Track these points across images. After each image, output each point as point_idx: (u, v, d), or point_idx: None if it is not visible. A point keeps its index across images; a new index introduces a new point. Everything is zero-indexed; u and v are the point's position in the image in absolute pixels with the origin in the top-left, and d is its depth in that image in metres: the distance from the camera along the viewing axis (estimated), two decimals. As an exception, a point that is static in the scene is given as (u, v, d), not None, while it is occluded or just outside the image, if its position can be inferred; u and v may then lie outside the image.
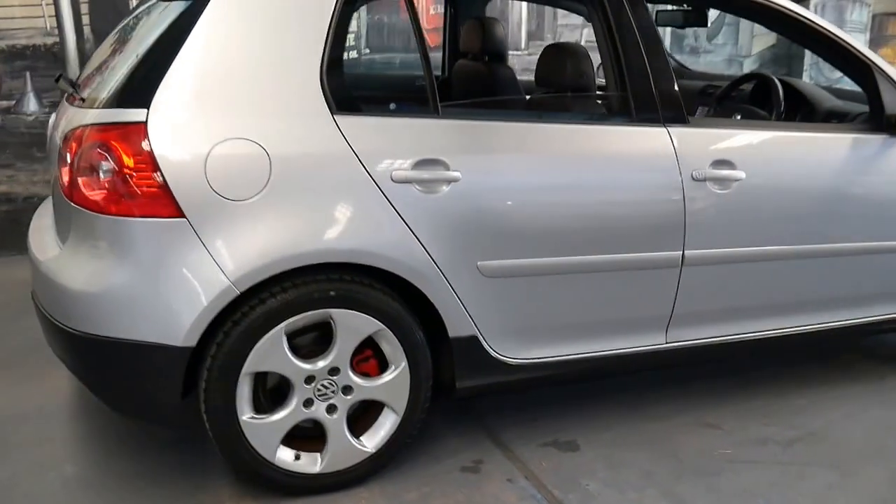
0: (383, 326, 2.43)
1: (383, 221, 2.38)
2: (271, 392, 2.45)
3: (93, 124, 2.26)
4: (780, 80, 3.40)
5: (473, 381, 2.62)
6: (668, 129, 2.70)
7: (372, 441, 2.53)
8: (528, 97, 2.88)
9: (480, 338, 2.57)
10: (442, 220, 2.44)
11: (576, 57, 2.88)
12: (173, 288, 2.23)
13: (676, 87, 2.74)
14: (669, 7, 3.71)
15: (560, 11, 6.25)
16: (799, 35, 3.18)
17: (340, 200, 2.35)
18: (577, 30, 6.53)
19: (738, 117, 3.37)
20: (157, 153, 2.19)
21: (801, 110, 3.40)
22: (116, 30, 2.94)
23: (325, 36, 2.35)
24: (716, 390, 3.23)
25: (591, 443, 2.84)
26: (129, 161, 2.20)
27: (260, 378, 2.39)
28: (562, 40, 6.42)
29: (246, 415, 2.36)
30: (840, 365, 3.50)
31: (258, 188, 2.25)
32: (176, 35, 2.29)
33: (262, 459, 2.41)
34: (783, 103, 3.29)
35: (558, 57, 2.94)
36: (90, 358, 2.36)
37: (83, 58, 4.78)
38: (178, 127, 2.23)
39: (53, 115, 2.93)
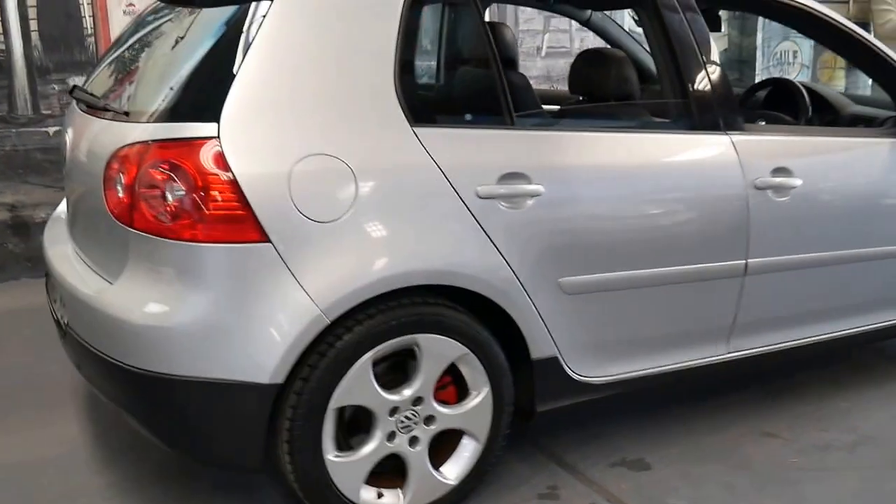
0: (468, 351, 2.25)
1: (471, 239, 2.21)
2: (347, 427, 2.23)
3: (154, 140, 2.01)
4: (802, 85, 3.38)
5: (552, 403, 2.47)
6: (730, 136, 2.62)
7: (453, 472, 2.34)
8: (594, 104, 2.74)
9: (560, 358, 2.41)
10: (526, 237, 2.28)
11: (620, 63, 2.77)
12: (258, 319, 2.00)
13: (733, 93, 2.66)
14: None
15: (522, 16, 6.13)
16: (831, 40, 3.15)
17: (428, 218, 2.16)
18: (538, 35, 6.42)
19: (762, 123, 3.32)
20: (235, 171, 1.96)
21: (824, 115, 3.38)
22: (129, 34, 2.67)
23: (395, 40, 2.16)
24: (760, 398, 3.14)
25: (660, 459, 2.71)
26: (204, 180, 1.95)
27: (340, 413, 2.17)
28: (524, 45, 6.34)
29: (331, 454, 2.14)
30: (862, 367, 3.47)
31: (345, 207, 2.05)
32: (236, 42, 2.06)
33: (346, 501, 2.19)
34: (810, 108, 3.26)
35: (601, 64, 2.82)
36: (157, 399, 2.08)
37: (31, 66, 4.38)
38: (254, 142, 2.00)
39: (69, 130, 2.62)
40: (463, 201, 2.18)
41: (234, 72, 2.01)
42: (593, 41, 4.30)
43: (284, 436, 2.09)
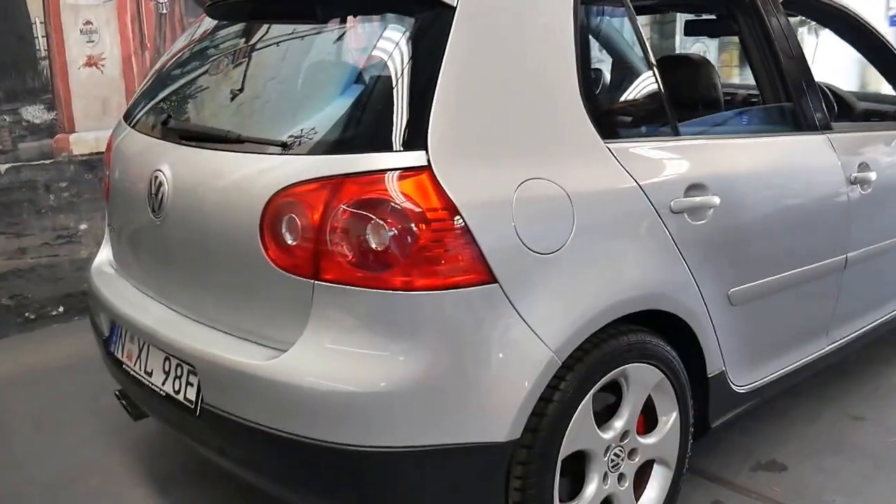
0: (664, 376, 2.02)
1: (669, 258, 1.99)
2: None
3: (349, 175, 1.62)
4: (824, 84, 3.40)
5: (721, 418, 2.29)
6: (826, 135, 2.55)
7: (650, 504, 2.11)
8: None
9: (726, 371, 2.23)
10: (706, 250, 2.08)
11: (706, 67, 2.63)
12: (489, 371, 1.68)
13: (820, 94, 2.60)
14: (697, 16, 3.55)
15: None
16: (856, 37, 3.16)
17: (636, 238, 1.92)
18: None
19: None
20: (457, 202, 1.62)
21: (843, 112, 3.41)
22: (197, 49, 2.24)
23: (575, 54, 1.89)
24: (830, 382, 3.13)
25: (789, 457, 2.61)
26: (421, 216, 1.60)
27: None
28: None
29: (558, 507, 1.85)
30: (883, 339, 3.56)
31: (566, 236, 1.76)
32: (422, 59, 1.71)
33: (570, 556, 1.90)
34: (835, 106, 3.27)
35: (687, 68, 2.66)
36: (368, 478, 1.69)
37: None
38: (468, 169, 1.67)
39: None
40: (660, 218, 1.95)
41: (432, 93, 1.66)
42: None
43: (515, 496, 1.77)
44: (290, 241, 1.68)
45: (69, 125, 3.94)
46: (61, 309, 3.95)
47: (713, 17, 2.81)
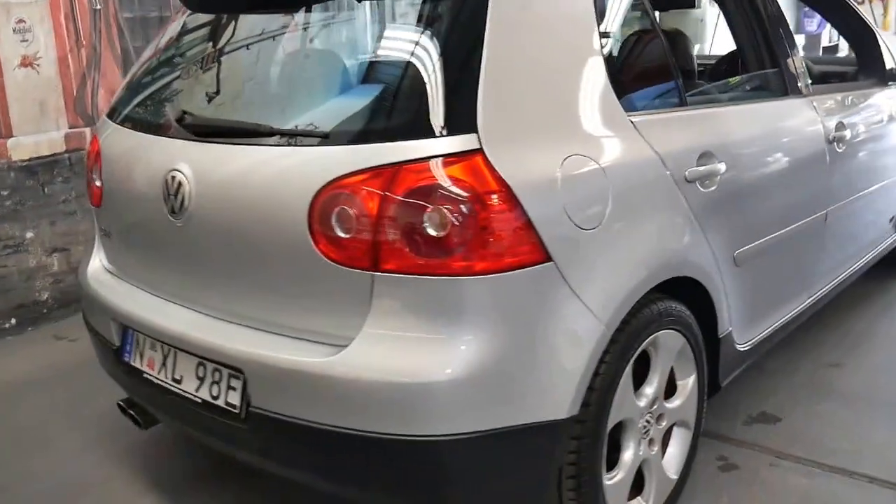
0: (686, 341, 2.09)
1: (688, 226, 2.04)
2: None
3: (403, 162, 1.60)
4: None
5: (729, 377, 2.39)
6: (809, 98, 2.67)
7: (673, 467, 2.18)
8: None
9: (732, 332, 2.33)
10: (717, 215, 2.16)
11: (683, 40, 2.71)
12: (548, 349, 1.69)
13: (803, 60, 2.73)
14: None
15: None
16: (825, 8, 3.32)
17: (661, 208, 1.97)
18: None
19: None
20: (511, 183, 1.62)
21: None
22: (190, 43, 2.16)
23: (597, 30, 1.92)
24: (795, 335, 3.27)
25: (779, 408, 2.74)
26: (480, 199, 1.60)
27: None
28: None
29: (606, 478, 1.89)
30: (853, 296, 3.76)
31: (604, 210, 1.79)
32: (461, 42, 1.71)
33: (617, 523, 1.95)
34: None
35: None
36: (454, 463, 1.67)
37: None
38: (516, 149, 1.67)
39: (174, 175, 1.98)
40: (678, 186, 2.01)
41: (477, 76, 1.65)
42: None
43: (569, 471, 1.80)
44: (342, 234, 1.64)
45: (6, 130, 3.70)
46: (13, 321, 3.73)
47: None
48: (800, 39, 9.94)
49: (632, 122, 1.94)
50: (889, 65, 3.28)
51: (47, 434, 2.79)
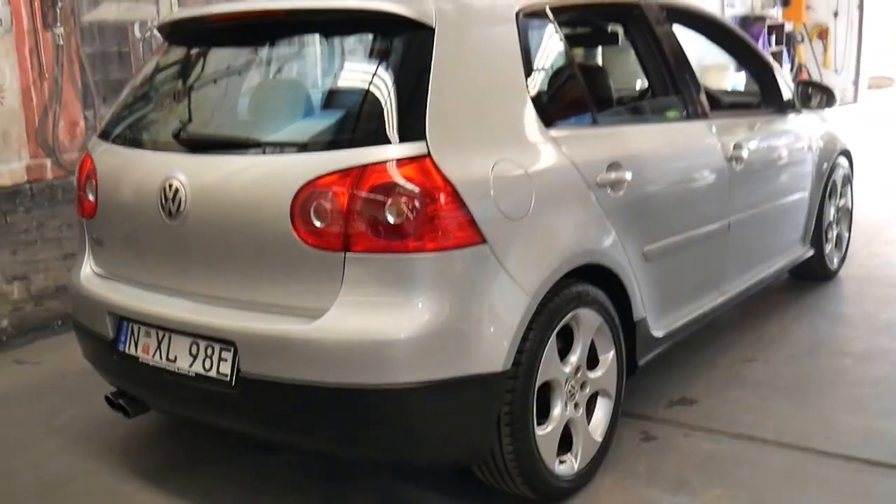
0: (603, 320, 2.71)
1: (600, 223, 2.69)
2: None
3: (367, 165, 2.21)
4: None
5: (645, 357, 3.01)
6: (709, 121, 3.38)
7: (598, 430, 2.78)
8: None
9: (647, 318, 2.96)
10: (625, 216, 2.80)
11: (603, 73, 3.40)
12: (486, 314, 2.30)
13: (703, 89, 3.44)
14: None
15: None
16: (723, 42, 4.06)
17: (575, 207, 2.61)
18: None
19: None
20: (453, 180, 2.24)
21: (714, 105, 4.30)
22: (175, 74, 2.76)
23: (521, 61, 2.58)
24: (723, 332, 3.98)
25: (697, 393, 3.37)
26: (430, 193, 2.21)
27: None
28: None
29: (538, 429, 2.48)
30: (767, 301, 4.48)
31: (528, 204, 2.42)
32: (412, 68, 2.34)
33: (547, 469, 2.53)
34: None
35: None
36: (412, 409, 2.26)
37: None
38: (456, 154, 2.29)
39: (171, 183, 2.50)
40: (590, 189, 2.66)
41: (425, 96, 2.28)
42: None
43: (506, 420, 2.39)
44: (319, 224, 2.23)
45: (-30, 160, 4.21)
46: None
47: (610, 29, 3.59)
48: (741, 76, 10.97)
49: (551, 136, 2.59)
50: (786, 96, 4.03)
51: (25, 440, 3.26)
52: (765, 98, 4.12)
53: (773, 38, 11.66)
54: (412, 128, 2.25)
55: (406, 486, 2.78)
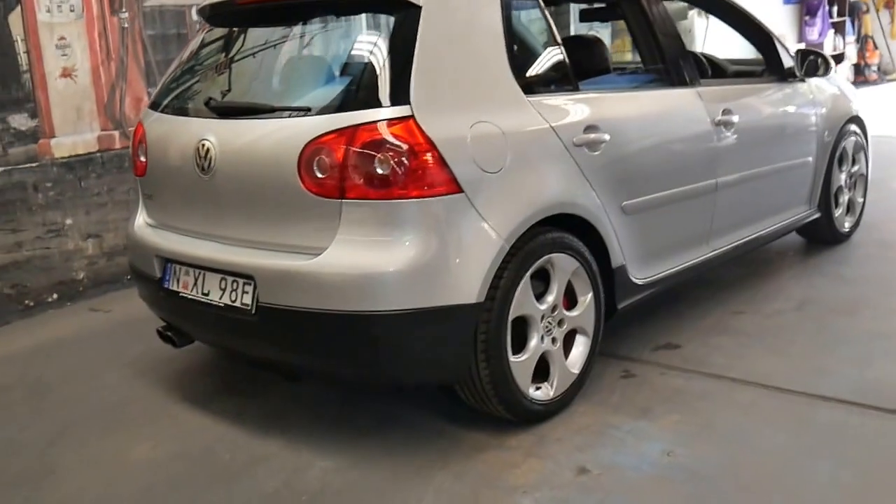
0: (579, 264, 3.08)
1: (576, 178, 3.05)
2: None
3: (359, 125, 2.62)
4: (701, 54, 4.58)
5: (625, 302, 3.37)
6: (695, 88, 3.69)
7: (576, 363, 3.15)
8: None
9: (626, 266, 3.32)
10: (603, 173, 3.15)
11: (600, 45, 3.74)
12: (462, 253, 2.69)
13: (692, 58, 3.74)
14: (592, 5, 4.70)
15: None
16: (721, 13, 4.35)
17: (551, 164, 2.98)
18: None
19: None
20: (433, 138, 2.63)
21: (720, 73, 4.57)
22: (214, 50, 3.25)
23: (503, 37, 2.95)
24: (721, 287, 4.29)
25: (683, 340, 3.70)
26: (412, 148, 2.60)
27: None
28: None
29: (512, 356, 2.88)
30: (767, 260, 4.76)
31: (504, 160, 2.80)
32: (400, 44, 2.73)
33: (522, 392, 2.93)
34: (709, 70, 4.44)
35: (589, 44, 3.79)
36: (397, 333, 2.68)
37: None
38: (437, 116, 2.69)
39: (204, 144, 2.95)
40: (567, 149, 3.02)
41: (410, 65, 2.69)
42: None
43: (482, 346, 2.79)
44: (320, 175, 2.65)
45: (49, 131, 4.78)
46: (55, 296, 4.79)
47: (604, 5, 3.92)
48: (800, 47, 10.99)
49: (530, 101, 2.96)
50: (787, 64, 4.29)
51: (94, 372, 3.80)
52: (768, 67, 4.38)
53: (836, 8, 11.60)
54: (399, 93, 2.66)
55: (403, 408, 3.22)
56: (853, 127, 4.81)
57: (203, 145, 2.95)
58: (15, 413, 3.46)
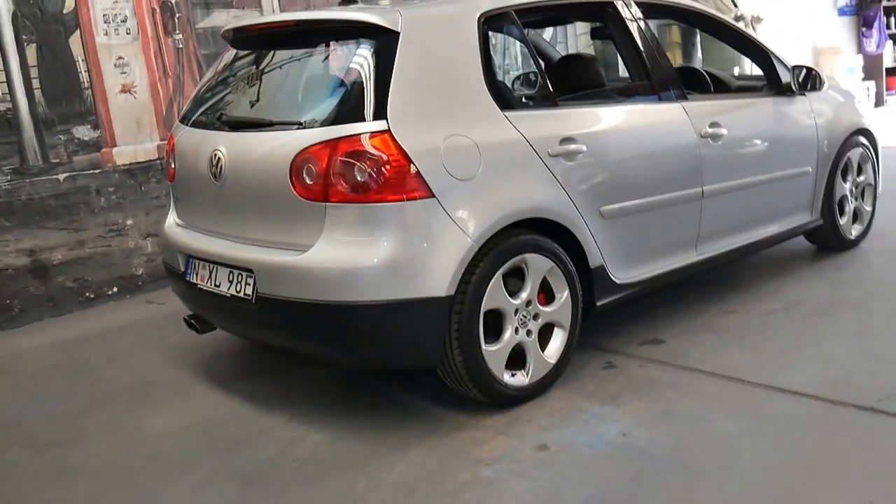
0: (553, 264, 3.33)
1: (550, 186, 3.31)
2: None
3: (341, 137, 2.95)
4: (705, 70, 4.75)
5: (604, 300, 3.59)
6: (681, 103, 3.88)
7: (552, 354, 3.40)
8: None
9: (605, 266, 3.54)
10: (579, 180, 3.40)
11: (593, 62, 3.97)
12: (433, 252, 2.99)
13: (677, 75, 3.94)
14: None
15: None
16: (719, 33, 4.52)
17: (525, 173, 3.25)
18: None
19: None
20: (407, 149, 2.94)
21: (722, 88, 4.73)
22: (231, 73, 3.61)
23: (480, 57, 3.23)
24: (714, 288, 4.46)
25: (670, 336, 3.90)
26: (387, 158, 2.92)
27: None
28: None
29: (484, 345, 3.14)
30: (766, 263, 4.89)
31: (476, 169, 3.09)
32: (381, 65, 3.05)
33: (496, 378, 3.19)
34: (711, 85, 4.60)
35: (583, 62, 4.03)
36: (375, 322, 2.99)
37: (37, 120, 4.91)
38: (412, 130, 2.99)
39: (216, 153, 3.33)
40: (542, 160, 3.28)
41: (388, 85, 3.00)
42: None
43: (454, 335, 3.07)
44: (308, 181, 2.99)
45: (111, 141, 5.27)
46: (115, 289, 5.27)
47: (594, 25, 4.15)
48: (858, 59, 10.85)
49: (506, 117, 3.23)
50: (785, 79, 4.42)
51: (135, 355, 4.26)
52: (767, 82, 4.53)
53: (893, 19, 11.39)
54: (378, 110, 2.98)
55: (396, 390, 3.52)
56: (860, 138, 4.89)
57: (215, 155, 3.32)
58: (57, 389, 3.92)
